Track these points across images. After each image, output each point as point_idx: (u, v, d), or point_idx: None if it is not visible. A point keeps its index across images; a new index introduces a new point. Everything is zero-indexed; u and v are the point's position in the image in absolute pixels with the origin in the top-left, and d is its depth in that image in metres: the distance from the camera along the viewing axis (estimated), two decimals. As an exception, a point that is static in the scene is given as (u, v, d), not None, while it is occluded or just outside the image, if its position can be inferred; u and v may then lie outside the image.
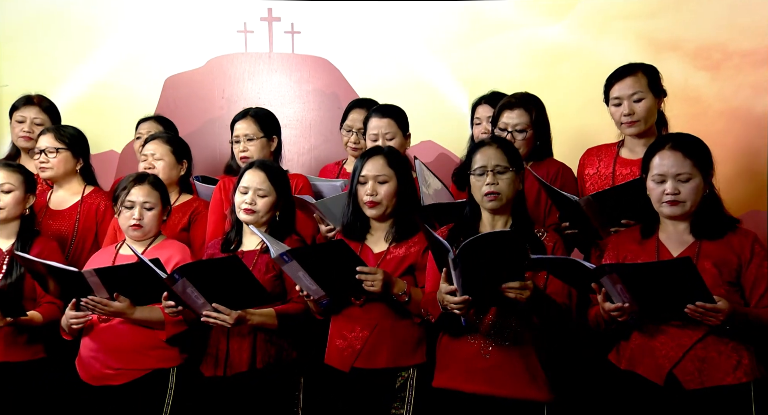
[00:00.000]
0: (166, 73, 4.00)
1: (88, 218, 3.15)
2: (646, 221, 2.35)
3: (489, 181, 2.38)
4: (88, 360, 2.72)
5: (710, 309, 2.07)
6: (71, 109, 3.87)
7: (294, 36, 4.01)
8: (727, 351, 2.20)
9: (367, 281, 2.40)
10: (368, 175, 2.57)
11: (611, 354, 2.38)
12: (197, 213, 3.11)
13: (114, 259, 2.80)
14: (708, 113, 3.74)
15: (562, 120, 3.00)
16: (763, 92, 3.67)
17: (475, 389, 2.36)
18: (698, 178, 2.24)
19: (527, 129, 2.89)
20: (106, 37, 3.98)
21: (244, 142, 3.12)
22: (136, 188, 2.77)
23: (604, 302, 2.17)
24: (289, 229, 2.75)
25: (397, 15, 3.98)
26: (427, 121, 3.30)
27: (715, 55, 3.74)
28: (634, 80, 2.74)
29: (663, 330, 2.23)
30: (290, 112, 4.01)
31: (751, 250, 2.24)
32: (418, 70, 3.96)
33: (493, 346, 2.35)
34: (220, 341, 2.67)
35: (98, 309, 2.61)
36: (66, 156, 3.17)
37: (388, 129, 3.07)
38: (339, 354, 2.56)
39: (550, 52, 3.87)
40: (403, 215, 2.59)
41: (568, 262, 2.19)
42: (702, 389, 2.19)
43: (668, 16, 3.77)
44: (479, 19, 3.93)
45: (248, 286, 2.48)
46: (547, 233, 2.46)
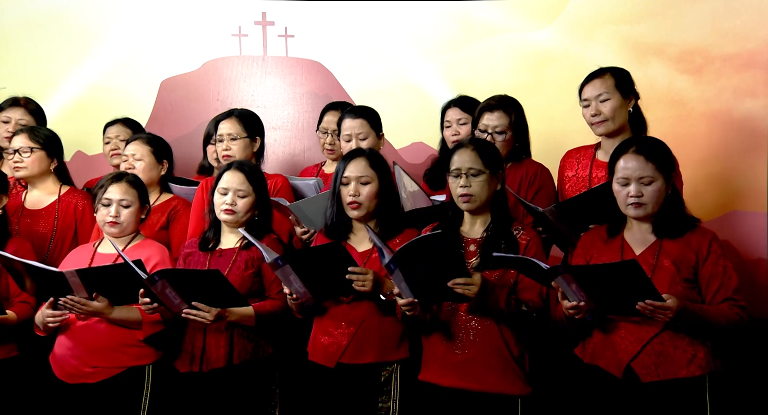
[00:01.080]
0: (162, 76, 4.05)
1: (66, 217, 3.17)
2: (612, 221, 2.42)
3: (462, 183, 2.46)
4: (64, 358, 2.72)
5: (659, 307, 2.14)
6: (68, 112, 3.91)
7: (288, 39, 4.06)
8: (683, 346, 2.27)
9: (358, 281, 2.44)
10: (351, 176, 2.62)
11: (577, 348, 2.45)
12: (176, 212, 3.14)
13: (92, 257, 2.81)
14: (691, 116, 3.80)
15: (550, 123, 3.07)
16: (744, 95, 3.73)
17: (450, 383, 2.44)
18: (660, 181, 2.31)
19: (507, 130, 2.94)
20: (102, 40, 4.02)
21: (227, 141, 3.16)
22: (114, 186, 2.79)
23: (562, 299, 2.25)
24: (267, 228, 2.80)
25: (389, 19, 4.04)
26: (417, 123, 3.36)
27: (698, 60, 3.80)
28: (601, 82, 2.83)
29: (622, 326, 2.31)
30: (284, 115, 4.07)
31: (708, 248, 2.31)
32: (409, 73, 4.02)
33: (465, 341, 2.43)
34: (196, 337, 2.69)
35: (76, 309, 2.62)
36: (40, 156, 3.18)
37: (361, 129, 3.12)
38: (324, 351, 2.60)
39: (537, 56, 3.93)
40: (386, 214, 2.64)
41: (526, 262, 2.26)
42: (658, 382, 2.26)
43: (653, 21, 3.83)
44: (469, 23, 3.99)
45: (227, 294, 2.53)
46: (524, 230, 2.52)
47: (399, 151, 3.79)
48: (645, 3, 3.87)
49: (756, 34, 3.74)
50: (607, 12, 3.88)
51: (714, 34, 3.78)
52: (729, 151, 3.71)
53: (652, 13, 3.85)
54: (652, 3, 3.86)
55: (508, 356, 2.43)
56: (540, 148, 3.23)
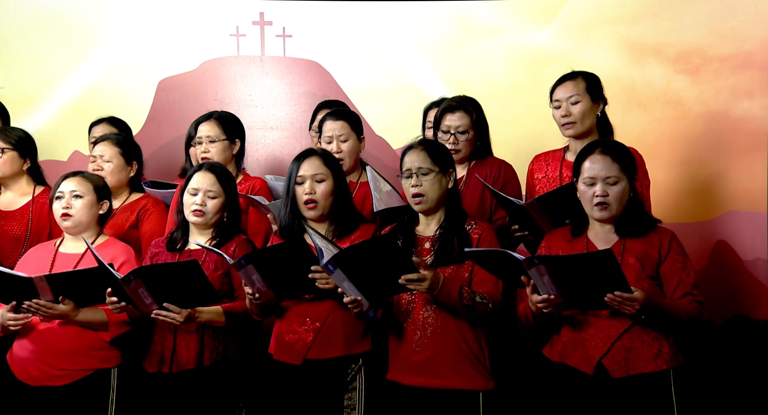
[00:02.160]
0: (160, 76, 4.04)
1: (41, 218, 3.13)
2: (575, 221, 2.48)
3: (413, 183, 2.50)
4: (27, 361, 2.68)
5: (627, 298, 2.19)
6: (66, 112, 3.91)
7: (285, 39, 4.06)
8: (648, 341, 2.33)
9: (321, 280, 2.45)
10: (306, 175, 2.62)
11: (545, 349, 2.48)
12: (146, 210, 3.11)
13: (54, 256, 2.78)
14: (688, 116, 3.81)
15: (547, 123, 3.06)
16: (742, 95, 3.75)
17: (412, 381, 2.48)
18: (624, 182, 2.38)
19: (469, 130, 3.00)
20: (100, 41, 4.02)
21: (206, 144, 3.16)
22: (67, 180, 2.79)
23: (532, 293, 2.28)
24: (236, 229, 2.80)
25: (387, 19, 4.04)
26: (415, 124, 3.35)
27: (696, 60, 3.82)
28: (572, 84, 2.87)
29: (592, 323, 2.36)
30: (282, 115, 4.07)
31: (669, 246, 2.38)
32: (407, 73, 4.02)
33: (425, 339, 2.46)
34: (166, 338, 2.68)
35: (41, 312, 2.59)
36: (12, 156, 3.15)
37: (342, 131, 3.13)
38: (289, 348, 2.60)
39: (536, 56, 3.94)
40: (341, 212, 2.64)
41: (500, 254, 2.29)
42: (627, 377, 2.31)
43: (650, 21, 3.85)
44: (467, 23, 3.99)
45: (201, 288, 2.52)
46: (476, 224, 2.55)
47: (397, 151, 3.79)
48: (643, 4, 3.88)
49: (753, 34, 3.76)
50: (605, 13, 3.90)
51: (711, 35, 3.80)
52: (726, 151, 3.73)
53: (650, 14, 3.87)
54: (649, 4, 3.87)
55: (467, 351, 2.46)
56: (536, 147, 3.24)
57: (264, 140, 4.07)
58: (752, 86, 3.76)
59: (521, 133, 3.17)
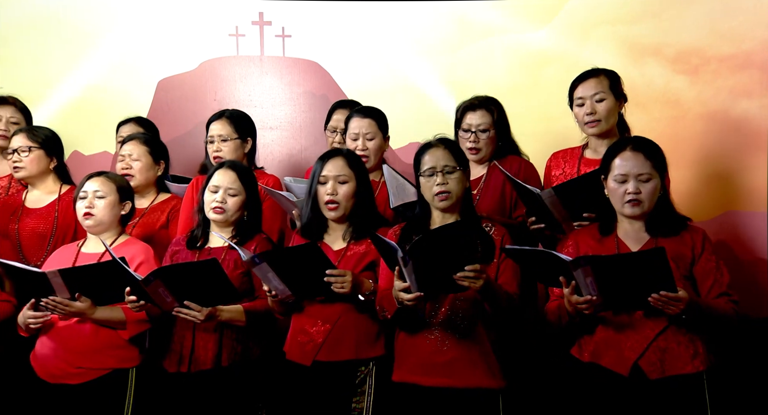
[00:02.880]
0: (159, 76, 4.04)
1: (66, 216, 3.15)
2: (603, 219, 2.45)
3: (439, 181, 2.47)
4: (47, 358, 2.70)
5: (673, 298, 2.16)
6: (65, 112, 3.91)
7: (285, 39, 4.06)
8: (685, 341, 2.31)
9: (336, 283, 2.45)
10: (329, 175, 2.61)
11: (573, 348, 2.46)
12: (176, 211, 3.13)
13: (76, 257, 2.80)
14: (687, 116, 3.82)
15: (547, 123, 3.09)
16: (741, 96, 3.75)
17: (435, 382, 2.44)
18: (657, 180, 2.35)
19: (490, 129, 3.00)
20: (99, 41, 4.02)
21: (218, 143, 3.17)
22: (90, 180, 2.80)
23: (571, 294, 2.24)
24: (256, 228, 2.79)
25: (386, 19, 4.04)
26: (414, 124, 3.37)
27: (694, 60, 3.82)
28: (596, 82, 2.86)
29: (626, 324, 2.33)
30: (281, 115, 4.07)
31: (702, 245, 2.36)
32: (407, 73, 4.02)
33: (450, 339, 2.44)
34: (185, 338, 2.68)
35: (58, 310, 2.61)
36: (39, 155, 3.18)
37: (369, 129, 3.12)
38: (301, 349, 2.60)
39: (535, 57, 3.94)
40: (361, 215, 2.63)
41: (544, 254, 2.27)
42: (663, 379, 2.29)
43: (650, 22, 3.85)
44: (466, 23, 4.00)
45: (221, 287, 2.52)
46: (495, 227, 2.54)
47: (396, 151, 3.79)
48: (642, 4, 3.89)
49: (752, 34, 3.76)
50: (604, 13, 3.90)
51: (710, 35, 3.81)
52: (726, 151, 3.73)
53: (649, 14, 3.87)
54: (648, 4, 3.88)
55: (489, 351, 2.45)
56: (537, 148, 3.25)
57: (263, 140, 4.06)
58: (751, 86, 3.76)
59: (521, 133, 3.15)
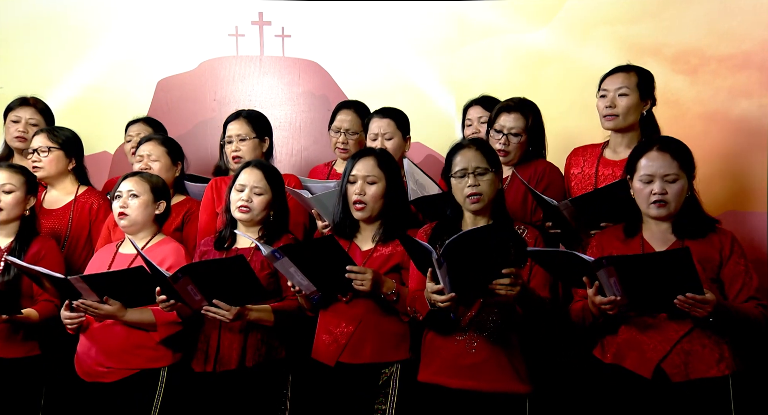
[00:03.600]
0: (159, 76, 4.04)
1: (81, 217, 3.18)
2: (628, 220, 2.40)
3: (471, 183, 2.44)
4: (83, 357, 2.76)
5: (699, 300, 2.12)
6: (65, 111, 3.90)
7: (284, 39, 4.06)
8: (710, 345, 2.27)
9: (357, 280, 2.44)
10: (358, 175, 2.61)
11: (596, 349, 2.42)
12: (191, 213, 3.15)
13: (113, 257, 2.82)
14: (687, 116, 3.81)
15: (546, 122, 3.07)
16: (739, 96, 3.75)
17: (461, 384, 2.41)
18: (684, 180, 2.32)
19: (522, 133, 2.93)
20: (99, 40, 4.02)
21: (236, 143, 3.18)
22: (126, 180, 2.82)
23: (595, 295, 2.21)
24: (283, 228, 2.78)
25: (386, 19, 4.04)
26: (414, 123, 3.36)
27: (694, 60, 3.82)
28: (624, 77, 2.83)
29: (650, 325, 2.29)
30: (281, 115, 4.07)
31: (731, 248, 2.32)
32: (406, 73, 4.03)
33: (478, 341, 2.41)
34: (210, 337, 2.68)
35: (90, 312, 2.64)
36: (58, 156, 3.20)
37: (387, 129, 3.13)
38: (325, 349, 2.60)
39: (534, 57, 3.94)
40: (391, 216, 2.61)
41: (567, 255, 2.23)
42: (686, 382, 2.25)
43: (649, 22, 3.85)
44: (466, 23, 4.00)
45: (249, 285, 2.50)
46: (528, 230, 2.52)
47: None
48: (641, 4, 3.89)
49: (751, 35, 3.76)
50: (604, 13, 3.90)
51: (709, 35, 3.81)
52: (725, 151, 3.73)
53: (648, 14, 3.87)
54: (648, 4, 3.88)
55: (517, 354, 2.42)
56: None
57: (263, 140, 4.06)
58: (750, 86, 3.76)
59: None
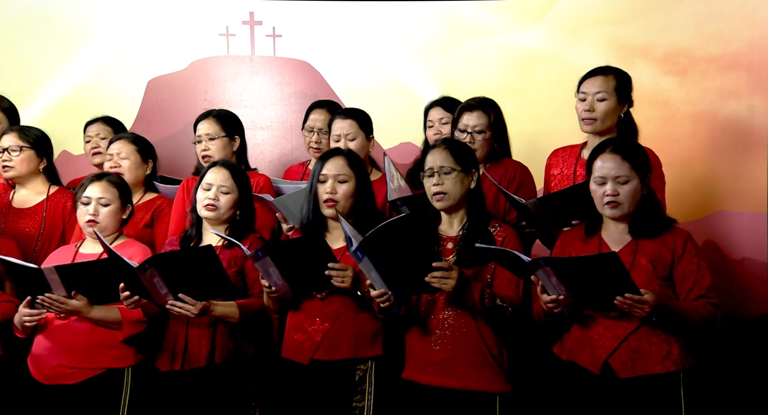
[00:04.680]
0: (149, 76, 4.04)
1: (54, 216, 3.15)
2: (589, 220, 2.46)
3: (435, 181, 2.50)
4: (42, 358, 2.69)
5: (637, 301, 2.17)
6: (54, 111, 3.90)
7: (275, 39, 4.07)
8: (658, 342, 2.31)
9: (337, 277, 2.46)
10: (328, 174, 2.63)
11: (555, 346, 2.48)
12: (160, 210, 3.13)
13: (74, 257, 2.79)
14: (676, 116, 3.84)
15: (537, 123, 3.10)
16: (728, 96, 3.78)
17: (429, 380, 2.47)
18: (636, 181, 2.36)
19: (486, 130, 2.99)
20: (89, 40, 4.01)
21: (205, 142, 3.18)
22: (93, 185, 2.79)
23: (541, 293, 2.28)
24: (250, 227, 2.80)
25: (377, 19, 4.05)
26: (405, 124, 3.38)
27: (683, 61, 3.84)
28: (603, 80, 2.85)
29: (600, 322, 2.35)
30: (272, 115, 4.07)
31: (684, 247, 2.35)
32: (397, 74, 4.04)
33: (443, 339, 2.46)
34: (177, 336, 2.68)
35: (54, 307, 2.60)
36: (29, 155, 3.17)
37: (350, 130, 3.14)
38: (298, 347, 2.60)
39: (525, 57, 3.96)
40: (361, 214, 2.63)
41: (507, 254, 2.29)
42: (634, 378, 2.30)
43: (638, 23, 3.88)
44: (457, 24, 4.01)
45: (216, 278, 2.51)
46: (501, 227, 2.55)
47: (387, 151, 3.80)
48: (631, 5, 3.91)
49: (739, 36, 3.78)
50: (594, 13, 3.93)
51: (698, 36, 3.83)
52: (713, 151, 3.75)
53: (638, 15, 3.90)
54: (637, 5, 3.90)
55: (486, 353, 2.46)
56: (527, 148, 3.26)
57: (254, 140, 4.06)
58: (739, 87, 3.78)
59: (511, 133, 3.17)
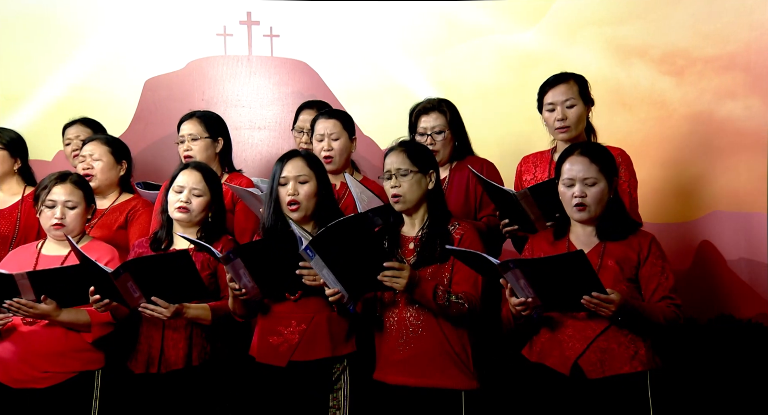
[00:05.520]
0: (146, 75, 4.03)
1: (29, 217, 3.13)
2: (558, 223, 2.50)
3: (392, 183, 2.54)
4: (9, 362, 2.65)
5: (603, 300, 2.21)
6: (51, 112, 3.89)
7: (273, 39, 4.06)
8: (625, 342, 2.34)
9: (308, 276, 2.46)
10: (289, 175, 2.62)
11: (524, 349, 2.50)
12: (135, 211, 3.11)
13: (36, 258, 2.76)
14: (673, 117, 3.84)
15: (533, 123, 3.09)
16: (725, 97, 3.78)
17: (396, 380, 2.49)
18: (603, 183, 2.39)
19: (445, 129, 3.02)
20: (86, 40, 4.00)
21: (188, 142, 3.17)
22: (58, 187, 2.75)
23: (510, 296, 2.31)
24: (222, 229, 2.79)
25: (374, 20, 4.05)
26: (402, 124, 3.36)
27: (680, 61, 3.85)
28: (566, 87, 2.87)
29: (569, 325, 2.38)
30: (269, 115, 4.07)
31: (648, 249, 2.40)
32: (395, 74, 4.03)
33: (404, 337, 2.48)
34: (153, 338, 2.67)
35: (23, 311, 2.57)
36: (3, 156, 3.19)
37: (334, 129, 3.13)
38: (273, 351, 2.59)
39: (522, 57, 3.96)
40: (323, 215, 2.62)
41: (476, 256, 2.31)
42: (603, 378, 2.33)
43: (636, 23, 3.88)
44: (454, 24, 4.01)
45: (190, 282, 2.51)
46: (459, 225, 2.57)
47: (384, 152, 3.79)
48: (628, 5, 3.92)
49: (735, 36, 3.79)
50: (591, 14, 3.93)
51: (695, 37, 3.84)
52: (710, 152, 3.76)
53: (635, 16, 3.90)
54: (634, 5, 3.91)
55: (450, 351, 2.48)
56: (523, 148, 3.25)
57: (251, 140, 4.06)
58: (735, 87, 3.79)
59: (508, 134, 3.19)
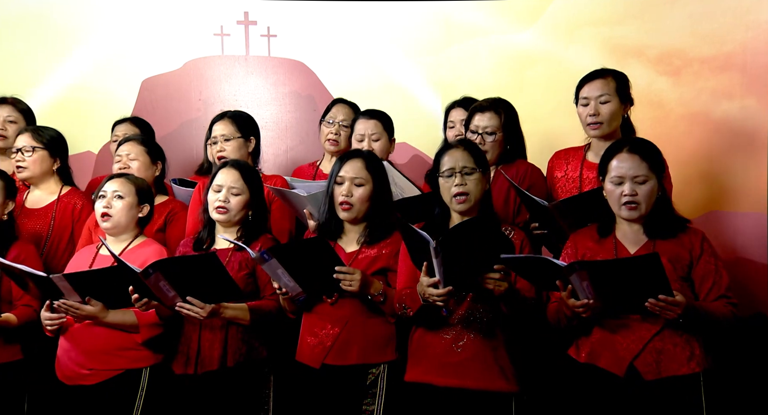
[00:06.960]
0: (143, 75, 4.02)
1: (64, 217, 3.15)
2: (602, 221, 2.45)
3: (458, 182, 2.46)
4: (62, 360, 2.72)
5: (671, 303, 2.17)
6: (49, 111, 3.88)
7: (270, 39, 4.06)
8: (681, 343, 2.31)
9: (345, 281, 2.45)
10: (345, 176, 2.61)
11: (571, 349, 2.46)
12: (173, 214, 3.13)
13: (93, 259, 2.79)
14: (670, 117, 3.85)
15: (532, 123, 3.10)
16: (721, 97, 3.80)
17: (448, 382, 2.43)
18: (653, 181, 2.35)
19: (497, 131, 2.96)
20: (83, 39, 3.99)
21: (221, 143, 3.17)
22: (110, 181, 2.80)
23: (569, 298, 2.25)
24: (262, 228, 2.78)
25: (372, 19, 4.05)
26: (400, 124, 3.37)
27: (677, 62, 3.86)
28: (603, 83, 2.85)
29: (623, 325, 2.33)
30: (267, 115, 4.06)
31: (701, 247, 2.36)
32: (392, 74, 4.04)
33: (464, 340, 2.43)
34: (191, 339, 2.67)
35: (71, 312, 2.62)
36: (42, 155, 3.18)
37: (375, 130, 3.15)
38: (310, 351, 2.59)
39: (519, 57, 3.97)
40: (377, 219, 2.61)
41: (540, 260, 2.27)
42: (658, 380, 2.29)
43: (633, 23, 3.89)
44: (452, 24, 4.02)
45: (222, 283, 2.50)
46: (514, 231, 2.54)
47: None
48: (625, 5, 3.92)
49: (732, 37, 3.80)
50: (588, 14, 3.93)
51: (692, 37, 3.85)
52: (707, 152, 3.77)
53: (632, 16, 3.91)
54: (631, 5, 3.92)
55: (504, 354, 2.44)
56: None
57: (248, 140, 4.06)
58: (732, 88, 3.80)
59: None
